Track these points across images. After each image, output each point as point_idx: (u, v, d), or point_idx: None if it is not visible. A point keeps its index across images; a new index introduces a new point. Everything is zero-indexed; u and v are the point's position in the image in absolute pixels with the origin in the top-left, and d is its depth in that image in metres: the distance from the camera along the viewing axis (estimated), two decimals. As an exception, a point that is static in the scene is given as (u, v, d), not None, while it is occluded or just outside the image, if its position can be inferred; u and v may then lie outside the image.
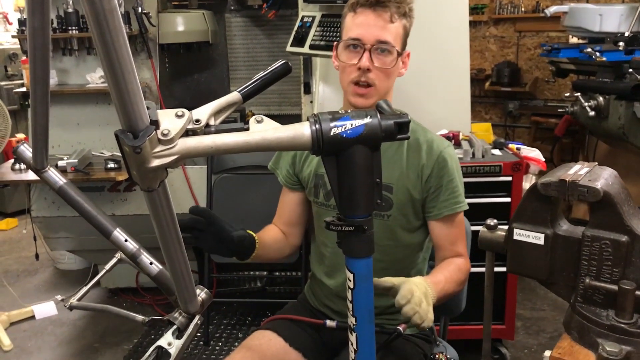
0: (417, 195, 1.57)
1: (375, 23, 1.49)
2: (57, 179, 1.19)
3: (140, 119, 0.78)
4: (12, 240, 4.61)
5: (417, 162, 1.57)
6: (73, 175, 2.68)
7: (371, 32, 1.49)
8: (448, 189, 1.56)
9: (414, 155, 1.58)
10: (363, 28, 1.50)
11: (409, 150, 1.59)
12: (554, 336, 2.98)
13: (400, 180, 1.57)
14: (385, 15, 1.49)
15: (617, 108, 3.29)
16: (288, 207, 1.74)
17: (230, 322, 3.22)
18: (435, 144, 1.59)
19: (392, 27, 1.50)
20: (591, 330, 1.01)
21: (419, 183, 1.57)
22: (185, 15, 3.31)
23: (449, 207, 1.57)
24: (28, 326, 3.26)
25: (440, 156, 1.57)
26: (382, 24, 1.49)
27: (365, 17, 1.50)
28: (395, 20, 1.50)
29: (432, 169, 1.56)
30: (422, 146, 1.58)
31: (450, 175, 1.56)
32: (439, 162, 1.56)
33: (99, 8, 0.65)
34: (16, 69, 4.91)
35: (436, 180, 1.56)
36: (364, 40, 1.49)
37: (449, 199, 1.56)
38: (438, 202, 1.57)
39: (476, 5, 5.42)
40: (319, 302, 1.75)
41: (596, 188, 0.97)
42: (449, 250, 1.60)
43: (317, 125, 0.86)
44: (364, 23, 1.50)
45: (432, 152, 1.57)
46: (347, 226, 0.92)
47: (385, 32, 1.49)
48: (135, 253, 1.21)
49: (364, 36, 1.49)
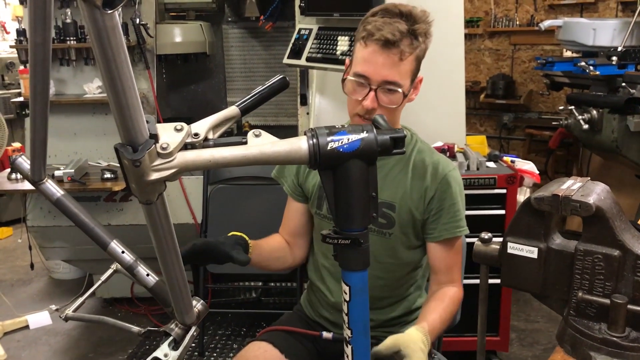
0: (419, 215, 1.57)
1: (383, 62, 1.41)
2: (54, 190, 1.20)
3: (139, 132, 0.79)
4: (6, 249, 4.60)
5: (421, 183, 1.56)
6: (69, 185, 2.69)
7: (378, 72, 1.42)
8: (450, 213, 1.55)
9: (419, 176, 1.57)
10: (371, 66, 1.42)
11: (414, 170, 1.58)
12: (548, 348, 2.99)
13: (403, 199, 1.57)
14: (395, 56, 1.41)
15: (610, 121, 3.32)
16: (293, 216, 1.74)
17: (225, 332, 3.22)
18: (441, 166, 1.57)
19: (402, 65, 1.43)
20: (584, 343, 1.02)
21: (421, 204, 1.56)
22: (183, 26, 3.33)
23: (450, 230, 1.56)
24: (22, 336, 3.25)
25: (444, 179, 1.56)
26: (391, 64, 1.41)
27: (374, 54, 1.41)
28: (406, 57, 1.42)
29: (435, 191, 1.55)
30: (428, 167, 1.57)
31: (453, 199, 1.55)
32: (443, 185, 1.55)
33: (101, 25, 0.66)
34: (13, 78, 4.92)
35: (438, 203, 1.55)
36: (370, 80, 1.43)
37: (450, 222, 1.55)
38: (439, 225, 1.56)
39: (471, 18, 5.47)
40: (315, 313, 1.76)
41: (588, 203, 0.98)
42: (445, 275, 1.59)
43: (314, 139, 0.87)
44: (372, 60, 1.42)
45: (436, 175, 1.56)
46: (343, 239, 0.93)
47: (394, 72, 1.42)
48: (132, 265, 1.22)
49: (371, 75, 1.43)
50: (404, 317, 1.70)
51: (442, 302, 1.54)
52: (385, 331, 1.66)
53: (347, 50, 2.33)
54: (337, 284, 1.65)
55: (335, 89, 2.84)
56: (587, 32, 3.48)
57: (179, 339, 1.22)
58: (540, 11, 5.23)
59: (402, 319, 1.70)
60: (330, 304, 1.69)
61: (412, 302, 1.71)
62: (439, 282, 1.60)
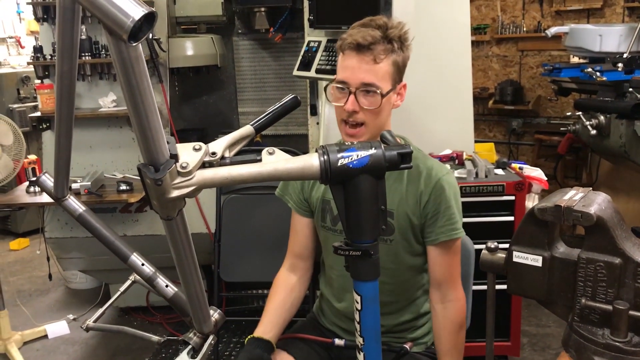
0: (416, 220, 1.62)
1: (359, 66, 1.51)
2: (76, 206, 1.26)
3: (161, 153, 0.84)
4: (23, 260, 4.68)
5: (416, 188, 1.61)
6: (86, 198, 2.75)
7: (355, 75, 1.51)
8: (445, 216, 1.60)
9: (413, 182, 1.62)
10: (348, 71, 1.52)
11: (408, 176, 1.63)
12: (559, 352, 2.98)
13: (400, 206, 1.62)
14: (369, 57, 1.50)
15: (618, 127, 3.34)
16: (301, 233, 1.78)
17: (240, 340, 3.25)
18: (434, 171, 1.62)
19: (378, 68, 1.51)
20: (588, 348, 1.06)
21: (417, 209, 1.61)
22: (194, 39, 3.40)
23: (446, 233, 1.60)
24: (41, 345, 3.32)
25: (438, 183, 1.60)
26: (367, 67, 1.51)
27: (350, 60, 1.52)
28: (381, 60, 1.51)
29: (429, 196, 1.60)
30: (422, 173, 1.62)
31: (447, 203, 1.60)
32: (437, 189, 1.60)
33: (126, 56, 0.71)
34: (28, 92, 5.01)
35: (433, 207, 1.60)
36: (349, 83, 1.52)
37: (445, 225, 1.60)
38: (435, 228, 1.61)
39: (478, 25, 5.51)
40: (327, 321, 1.80)
41: (589, 213, 1.02)
42: (443, 277, 1.63)
43: (325, 156, 0.92)
44: (349, 66, 1.52)
45: (430, 179, 1.61)
46: (354, 251, 0.97)
47: (370, 75, 1.51)
48: (151, 276, 1.27)
49: (349, 79, 1.52)
50: (412, 322, 1.74)
51: (451, 332, 1.64)
52: (396, 336, 1.70)
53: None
54: (347, 293, 1.69)
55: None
56: (594, 38, 3.51)
57: (198, 347, 1.27)
58: (547, 17, 5.26)
59: (411, 324, 1.74)
60: (341, 313, 1.73)
61: (420, 306, 1.75)
62: (439, 285, 1.64)
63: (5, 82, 4.95)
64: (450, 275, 1.64)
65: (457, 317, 1.63)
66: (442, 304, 1.64)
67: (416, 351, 1.71)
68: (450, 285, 1.63)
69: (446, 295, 1.63)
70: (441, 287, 1.64)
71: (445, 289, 1.63)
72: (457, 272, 1.67)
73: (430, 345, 1.77)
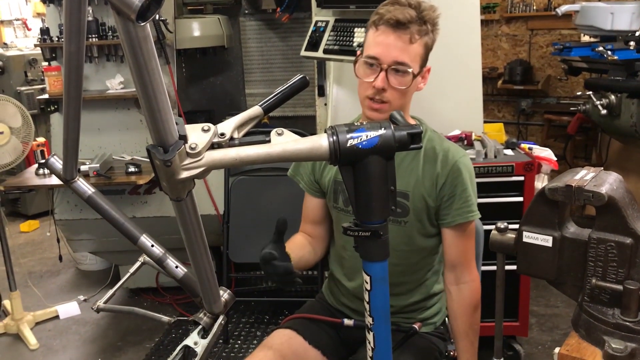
0: (432, 202, 1.61)
1: (394, 44, 1.49)
2: (86, 188, 1.26)
3: (170, 134, 0.84)
4: (34, 242, 4.72)
5: (433, 170, 1.61)
6: (95, 180, 2.76)
7: (389, 53, 1.49)
8: (462, 198, 1.60)
9: (430, 164, 1.61)
10: (382, 47, 1.50)
11: (425, 158, 1.62)
12: (567, 332, 2.97)
13: (416, 187, 1.61)
14: (406, 36, 1.48)
15: (629, 106, 3.31)
16: (312, 210, 1.78)
17: (249, 320, 3.29)
18: (451, 153, 1.62)
19: (412, 48, 1.50)
20: (598, 328, 1.06)
21: (433, 191, 1.61)
22: (201, 20, 3.38)
23: (462, 215, 1.60)
24: (52, 326, 3.36)
25: (455, 165, 1.60)
26: (402, 45, 1.49)
27: (386, 37, 1.49)
28: (416, 40, 1.50)
29: (446, 178, 1.60)
30: (438, 155, 1.61)
31: (464, 185, 1.60)
32: (453, 172, 1.60)
33: (134, 36, 0.71)
34: (36, 74, 5.01)
35: (450, 189, 1.60)
36: (381, 60, 1.50)
37: (462, 207, 1.60)
38: (452, 210, 1.61)
39: (488, 4, 5.44)
40: (337, 301, 1.81)
41: (601, 193, 1.01)
42: (458, 259, 1.64)
43: (334, 137, 0.91)
44: (384, 42, 1.50)
45: (447, 162, 1.60)
46: (363, 231, 0.97)
47: (404, 54, 1.49)
48: (161, 257, 1.27)
49: (381, 56, 1.50)
50: (422, 302, 1.74)
51: (470, 316, 1.64)
52: (405, 317, 1.71)
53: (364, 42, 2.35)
54: (357, 273, 1.69)
55: (352, 80, 2.86)
56: (605, 17, 3.45)
57: (208, 327, 1.28)
58: (557, -5, 5.19)
59: (421, 304, 1.74)
60: (351, 293, 1.74)
61: (430, 287, 1.75)
62: (454, 267, 1.64)
63: (13, 64, 4.96)
64: (465, 257, 1.65)
65: (472, 298, 1.64)
66: (456, 286, 1.65)
67: (425, 331, 1.72)
68: (465, 267, 1.64)
69: (461, 277, 1.64)
70: (456, 269, 1.64)
71: (460, 271, 1.64)
72: (472, 253, 1.67)
73: (439, 326, 1.77)
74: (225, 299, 1.26)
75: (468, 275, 1.64)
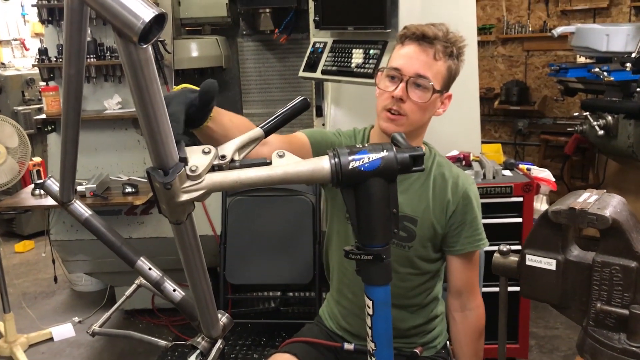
0: (440, 229, 1.60)
1: (417, 57, 1.49)
2: (82, 211, 1.24)
3: (170, 156, 0.83)
4: (29, 262, 4.68)
5: (443, 197, 1.59)
6: (92, 200, 2.74)
7: (412, 65, 1.49)
8: (472, 227, 1.59)
9: (440, 190, 1.60)
10: (405, 59, 1.50)
11: (435, 184, 1.61)
12: (567, 354, 2.99)
13: (425, 213, 1.59)
14: (430, 51, 1.49)
15: (625, 127, 3.32)
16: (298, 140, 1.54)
17: (246, 342, 3.25)
18: (461, 180, 1.61)
19: (435, 65, 1.49)
20: (604, 353, 1.04)
21: (443, 218, 1.59)
22: (199, 41, 3.39)
23: (472, 243, 1.60)
24: (46, 348, 3.31)
25: (465, 193, 1.59)
26: (425, 59, 1.49)
27: (409, 50, 1.50)
28: (440, 58, 1.49)
29: (457, 205, 1.59)
30: (448, 181, 1.60)
31: (474, 213, 1.60)
32: (464, 199, 1.59)
33: (135, 58, 0.70)
34: (33, 94, 5.01)
35: (460, 217, 1.59)
36: (403, 71, 1.49)
37: (472, 236, 1.59)
38: (461, 238, 1.59)
39: (484, 25, 5.49)
40: (335, 324, 1.78)
41: (605, 216, 1.00)
42: (464, 286, 1.63)
43: (336, 159, 0.90)
44: (407, 55, 1.50)
45: (457, 189, 1.59)
46: (365, 255, 0.96)
47: (426, 68, 1.49)
48: (159, 281, 1.25)
49: (403, 67, 1.49)
50: (423, 326, 1.72)
51: (476, 341, 1.64)
52: (407, 341, 1.68)
53: (362, 63, 2.36)
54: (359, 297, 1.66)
55: (350, 100, 2.88)
56: (600, 38, 3.49)
57: (206, 352, 1.25)
58: (552, 17, 5.24)
59: (421, 328, 1.72)
60: (354, 314, 1.70)
61: (430, 310, 1.73)
62: (459, 294, 1.63)
63: (10, 84, 4.95)
64: (471, 284, 1.64)
65: (478, 324, 1.64)
66: (462, 313, 1.64)
67: (426, 355, 1.69)
68: (470, 293, 1.63)
69: (467, 304, 1.63)
70: (461, 295, 1.63)
71: (466, 298, 1.63)
72: (477, 280, 1.67)
73: (440, 349, 1.75)
74: (224, 322, 1.24)
75: (473, 302, 1.63)
